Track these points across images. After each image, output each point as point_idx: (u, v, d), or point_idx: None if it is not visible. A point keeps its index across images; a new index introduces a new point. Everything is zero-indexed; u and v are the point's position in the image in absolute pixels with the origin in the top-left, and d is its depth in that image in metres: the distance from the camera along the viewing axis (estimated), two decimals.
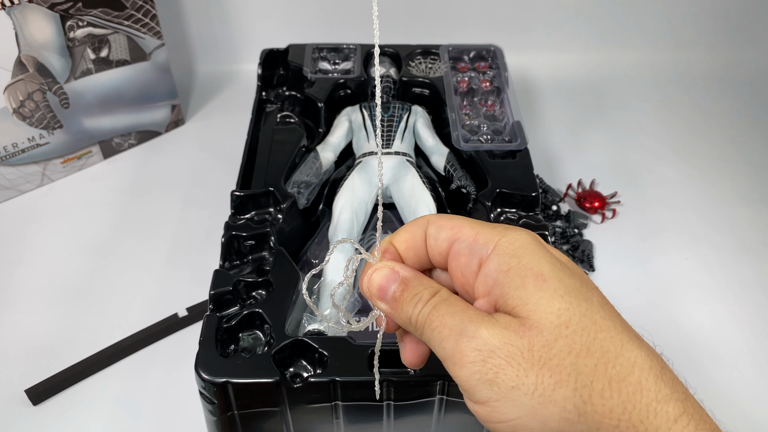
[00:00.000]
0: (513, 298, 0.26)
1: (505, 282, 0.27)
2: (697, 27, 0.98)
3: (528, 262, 0.27)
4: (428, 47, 0.75)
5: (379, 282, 0.30)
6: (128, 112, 0.79)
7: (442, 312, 0.28)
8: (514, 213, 0.58)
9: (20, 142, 0.72)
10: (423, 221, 0.31)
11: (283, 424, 0.48)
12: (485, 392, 0.26)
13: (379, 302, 0.31)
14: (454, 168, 0.63)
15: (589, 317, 0.26)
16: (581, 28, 0.97)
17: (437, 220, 0.31)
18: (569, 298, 0.26)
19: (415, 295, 0.29)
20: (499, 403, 0.26)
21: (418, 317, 0.29)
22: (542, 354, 0.25)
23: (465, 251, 0.29)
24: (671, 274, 0.69)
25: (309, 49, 0.74)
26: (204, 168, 0.80)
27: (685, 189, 0.79)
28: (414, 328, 0.29)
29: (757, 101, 0.93)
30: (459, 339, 0.27)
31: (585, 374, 0.25)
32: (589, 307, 0.26)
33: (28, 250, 0.70)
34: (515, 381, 0.25)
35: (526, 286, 0.26)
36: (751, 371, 0.60)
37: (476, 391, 0.26)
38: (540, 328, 0.26)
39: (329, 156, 0.65)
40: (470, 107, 0.69)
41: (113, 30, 0.73)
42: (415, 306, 0.29)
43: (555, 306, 0.26)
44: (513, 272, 0.27)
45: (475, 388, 0.26)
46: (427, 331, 0.28)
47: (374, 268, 0.31)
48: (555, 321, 0.26)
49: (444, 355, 0.27)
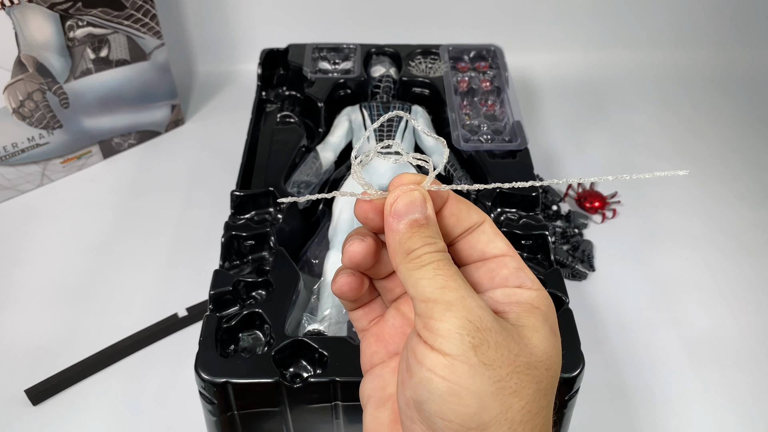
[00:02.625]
0: (528, 321, 0.28)
1: (530, 310, 0.29)
2: (697, 27, 0.98)
3: (551, 317, 0.29)
4: (428, 47, 0.75)
5: (409, 200, 0.29)
6: (128, 112, 0.79)
7: (453, 269, 0.28)
8: (514, 213, 0.58)
9: (20, 142, 0.72)
10: (483, 215, 0.31)
11: (283, 425, 0.48)
12: (458, 348, 0.26)
13: (391, 215, 0.29)
14: (454, 168, 0.63)
15: (552, 383, 0.28)
16: (581, 28, 0.97)
17: (496, 228, 0.31)
18: (558, 360, 0.29)
19: (429, 236, 0.29)
20: (462, 366, 0.26)
21: (426, 255, 0.28)
22: (521, 366, 0.27)
23: (513, 270, 0.30)
24: (671, 274, 0.69)
25: (309, 48, 0.74)
26: (204, 168, 0.80)
27: (685, 189, 0.79)
28: (408, 260, 0.28)
29: (757, 101, 0.93)
30: (467, 297, 0.27)
31: (535, 411, 0.27)
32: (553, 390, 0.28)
33: (28, 250, 0.69)
34: (491, 361, 0.26)
35: (543, 325, 0.28)
36: (751, 371, 0.60)
37: (448, 342, 0.26)
38: (532, 351, 0.27)
39: (329, 156, 0.65)
40: (470, 107, 0.69)
41: (113, 30, 0.73)
42: (427, 245, 0.28)
43: (551, 352, 0.28)
44: (539, 312, 0.29)
45: (452, 339, 0.26)
46: (428, 270, 0.28)
47: (414, 187, 0.30)
48: (544, 359, 0.27)
49: (437, 298, 0.27)
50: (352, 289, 0.32)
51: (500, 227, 0.56)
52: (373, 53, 0.75)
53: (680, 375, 0.60)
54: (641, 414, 0.57)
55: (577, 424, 0.54)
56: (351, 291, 0.32)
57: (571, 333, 0.48)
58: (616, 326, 0.63)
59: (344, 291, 0.32)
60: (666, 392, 0.58)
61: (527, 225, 0.57)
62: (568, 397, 0.47)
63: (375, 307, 0.34)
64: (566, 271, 0.67)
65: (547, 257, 0.56)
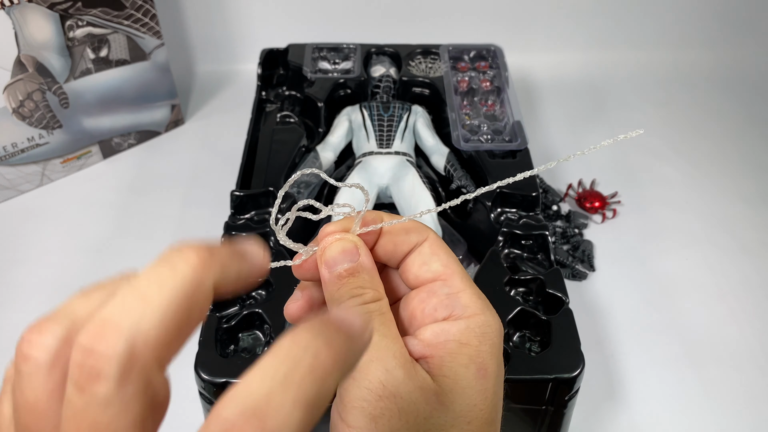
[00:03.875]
0: (450, 369, 0.26)
1: (455, 351, 0.27)
2: (697, 27, 0.98)
3: (484, 350, 0.27)
4: (428, 47, 0.75)
5: (336, 252, 0.28)
6: (128, 111, 0.79)
7: (374, 323, 0.27)
8: (514, 213, 0.58)
9: (20, 142, 0.71)
10: (424, 233, 0.30)
11: None
12: (359, 420, 0.25)
13: (323, 266, 0.29)
14: (454, 168, 0.63)
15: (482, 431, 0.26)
16: (581, 28, 0.97)
17: (436, 246, 0.29)
18: (489, 405, 0.27)
19: (358, 287, 0.28)
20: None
21: (350, 309, 0.27)
22: (433, 428, 0.25)
23: (443, 297, 0.28)
24: (671, 274, 0.69)
25: (309, 48, 0.74)
26: (204, 168, 0.80)
27: (685, 189, 0.79)
28: (335, 310, 0.28)
29: (757, 101, 0.93)
30: (374, 361, 0.26)
31: None
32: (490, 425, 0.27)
33: (28, 250, 0.69)
34: (395, 431, 0.25)
35: (468, 369, 0.26)
36: (751, 371, 0.60)
37: (351, 414, 0.25)
38: (450, 409, 0.26)
39: (329, 156, 0.65)
40: (470, 107, 0.68)
41: (113, 30, 0.73)
42: (353, 299, 0.27)
43: (476, 401, 0.26)
44: (467, 349, 0.27)
45: (354, 411, 0.25)
46: None
47: (341, 236, 0.29)
48: (465, 413, 0.26)
49: None
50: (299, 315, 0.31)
51: (500, 227, 0.56)
52: (373, 53, 0.75)
53: (680, 375, 0.60)
54: (641, 414, 0.57)
55: (577, 424, 0.54)
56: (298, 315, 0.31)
57: (571, 333, 0.48)
58: (616, 326, 0.63)
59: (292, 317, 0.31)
60: (666, 392, 0.58)
61: (527, 225, 0.57)
62: (568, 397, 0.47)
63: None
64: (566, 271, 0.67)
65: (547, 257, 0.56)
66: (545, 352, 0.47)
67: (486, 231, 0.59)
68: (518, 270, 0.55)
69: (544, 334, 0.49)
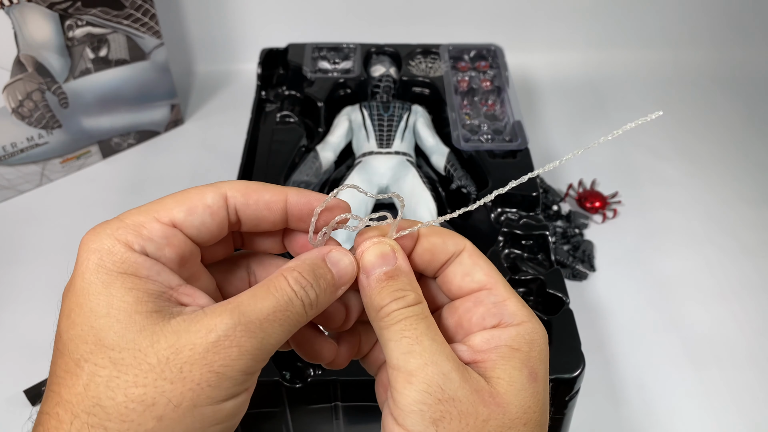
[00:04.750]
0: (504, 371, 0.27)
1: (508, 356, 0.27)
2: (697, 27, 0.98)
3: (534, 356, 0.27)
4: (428, 47, 0.75)
5: (374, 256, 0.28)
6: (127, 111, 0.79)
7: (420, 327, 0.27)
8: (514, 213, 0.58)
9: (19, 142, 0.71)
10: (461, 243, 0.30)
11: (283, 425, 0.48)
12: (418, 424, 0.25)
13: (362, 274, 0.28)
14: (454, 168, 0.63)
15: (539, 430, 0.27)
16: (581, 27, 0.97)
17: (476, 256, 0.29)
18: (541, 408, 0.27)
19: (399, 289, 0.28)
20: None
21: (394, 313, 0.27)
22: (493, 430, 0.25)
23: (490, 306, 0.28)
24: (671, 274, 0.69)
25: (309, 48, 0.74)
26: (203, 168, 0.80)
27: (685, 189, 0.79)
28: (378, 319, 0.27)
29: (757, 101, 0.93)
30: (429, 364, 0.25)
31: None
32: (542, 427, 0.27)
33: (27, 250, 0.69)
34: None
35: (521, 372, 0.27)
36: (751, 371, 0.60)
37: (410, 418, 0.25)
38: (506, 410, 0.26)
39: (329, 156, 0.65)
40: (470, 107, 0.68)
41: (112, 29, 0.72)
42: (396, 301, 0.27)
43: (529, 403, 0.26)
44: (519, 354, 0.27)
45: (413, 415, 0.25)
46: (395, 332, 0.26)
47: (378, 240, 0.28)
48: (520, 415, 0.26)
49: (400, 365, 0.26)
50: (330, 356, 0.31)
51: (500, 227, 0.56)
52: (373, 53, 0.75)
53: (680, 375, 0.60)
54: (641, 414, 0.57)
55: (577, 424, 0.54)
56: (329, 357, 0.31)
57: (572, 333, 0.48)
58: (617, 326, 0.63)
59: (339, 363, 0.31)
60: (666, 392, 0.58)
61: (528, 225, 0.57)
62: (569, 397, 0.47)
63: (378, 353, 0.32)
64: (567, 271, 0.67)
65: (547, 257, 0.56)
66: None
67: (486, 231, 0.59)
68: (518, 270, 0.55)
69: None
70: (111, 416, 0.22)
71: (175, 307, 0.24)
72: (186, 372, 0.23)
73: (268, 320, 0.24)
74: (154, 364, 0.23)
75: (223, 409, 0.24)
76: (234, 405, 0.24)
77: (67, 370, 0.24)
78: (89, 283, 0.24)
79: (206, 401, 0.23)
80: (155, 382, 0.23)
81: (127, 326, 0.23)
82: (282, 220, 0.28)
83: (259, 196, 0.27)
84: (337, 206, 0.29)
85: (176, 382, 0.23)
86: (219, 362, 0.23)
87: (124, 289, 0.24)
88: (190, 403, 0.23)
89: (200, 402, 0.23)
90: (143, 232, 0.25)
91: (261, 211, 0.28)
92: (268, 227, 0.29)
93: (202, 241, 0.27)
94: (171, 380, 0.23)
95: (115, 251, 0.24)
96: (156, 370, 0.23)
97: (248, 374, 0.24)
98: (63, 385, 0.23)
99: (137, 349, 0.23)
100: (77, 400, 0.23)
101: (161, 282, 0.25)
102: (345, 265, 0.28)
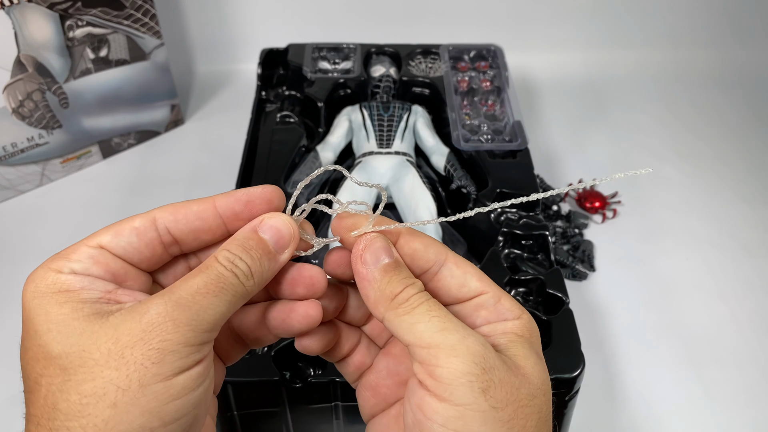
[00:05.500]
0: (518, 349, 0.28)
1: (515, 340, 0.28)
2: (697, 27, 0.98)
3: (535, 342, 0.29)
4: (428, 47, 0.75)
5: (376, 248, 0.28)
6: (127, 111, 0.79)
7: (442, 308, 0.27)
8: (514, 213, 0.58)
9: (19, 142, 0.71)
10: (442, 252, 0.30)
11: (283, 425, 0.48)
12: (468, 397, 0.25)
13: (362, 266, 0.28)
14: (454, 168, 0.63)
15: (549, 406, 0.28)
16: (582, 27, 0.97)
17: (462, 264, 0.30)
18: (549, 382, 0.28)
19: (407, 277, 0.28)
20: (473, 415, 0.25)
21: (414, 297, 0.27)
22: (524, 399, 0.26)
23: (491, 308, 0.29)
24: (671, 274, 0.69)
25: (309, 48, 0.74)
26: (203, 168, 0.80)
27: (685, 189, 0.79)
28: (394, 307, 0.27)
29: (757, 101, 0.93)
30: (468, 337, 0.26)
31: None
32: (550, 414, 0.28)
33: (28, 250, 0.69)
34: (499, 403, 0.25)
35: (531, 352, 0.28)
36: (751, 371, 0.60)
37: (458, 390, 0.25)
38: (530, 380, 0.27)
39: (329, 156, 0.65)
40: (470, 107, 0.68)
41: (112, 30, 0.73)
42: (410, 287, 0.28)
43: (543, 377, 0.28)
44: (524, 341, 0.29)
45: (462, 387, 0.25)
46: (421, 314, 0.27)
47: (375, 236, 0.29)
48: (540, 385, 0.27)
49: (439, 342, 0.26)
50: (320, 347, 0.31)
51: (500, 227, 0.56)
52: (373, 53, 0.75)
53: (680, 375, 0.60)
54: (641, 414, 0.57)
55: (577, 424, 0.54)
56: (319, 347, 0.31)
57: (571, 333, 0.48)
58: (616, 326, 0.63)
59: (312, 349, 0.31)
60: (666, 392, 0.58)
61: (527, 225, 0.57)
62: (568, 397, 0.47)
63: (359, 357, 0.32)
64: (566, 271, 0.67)
65: (547, 257, 0.56)
66: (545, 353, 0.47)
67: (486, 231, 0.59)
68: (518, 270, 0.55)
69: (545, 335, 0.49)
70: (69, 416, 0.23)
71: (114, 306, 0.26)
72: (128, 356, 0.24)
73: (199, 293, 0.25)
74: (98, 357, 0.24)
75: (175, 384, 0.24)
76: (187, 379, 0.24)
77: (30, 390, 0.26)
78: (29, 309, 0.26)
79: (154, 379, 0.24)
80: (102, 373, 0.23)
81: (68, 334, 0.25)
82: (219, 226, 0.29)
83: (187, 210, 0.28)
84: (259, 196, 0.29)
85: (120, 368, 0.23)
86: (156, 339, 0.24)
87: (58, 304, 0.25)
88: (138, 384, 0.23)
89: (147, 381, 0.23)
90: (71, 257, 0.27)
91: (192, 223, 0.28)
92: (209, 237, 0.29)
93: (133, 258, 0.28)
94: (115, 367, 0.23)
95: (46, 277, 0.26)
96: (100, 363, 0.24)
97: (190, 346, 0.25)
98: (30, 405, 0.25)
99: (81, 350, 0.24)
100: (40, 412, 0.24)
101: (96, 289, 0.26)
102: (279, 228, 0.28)
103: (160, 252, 0.28)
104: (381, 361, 0.32)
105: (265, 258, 0.28)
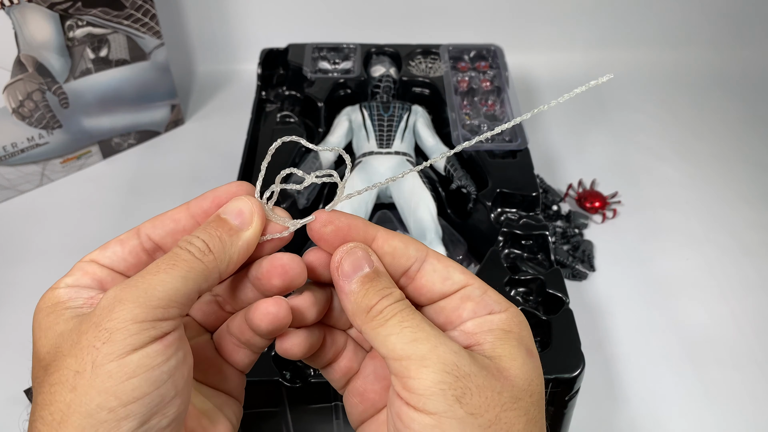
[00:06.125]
0: (504, 349, 0.28)
1: (503, 337, 0.28)
2: (697, 27, 0.98)
3: (525, 335, 0.29)
4: (428, 47, 0.75)
5: (354, 259, 0.29)
6: (128, 111, 0.79)
7: (416, 317, 0.27)
8: (514, 213, 0.58)
9: (19, 142, 0.71)
10: (422, 250, 0.30)
11: (283, 425, 0.48)
12: (441, 405, 0.25)
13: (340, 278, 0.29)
14: (454, 168, 0.63)
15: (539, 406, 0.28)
16: (582, 27, 0.97)
17: (443, 259, 0.30)
18: (541, 381, 0.28)
19: (384, 288, 0.28)
20: (450, 422, 0.25)
21: (387, 308, 0.27)
22: (507, 402, 0.26)
23: (477, 299, 0.29)
24: (671, 274, 0.69)
25: (309, 48, 0.74)
26: (204, 168, 0.80)
27: (685, 189, 0.79)
28: (369, 319, 0.27)
29: (757, 101, 0.93)
30: (439, 346, 0.26)
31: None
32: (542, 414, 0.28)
33: (28, 250, 0.69)
34: (477, 409, 0.25)
35: (519, 350, 0.28)
36: (751, 371, 0.60)
37: (431, 400, 0.25)
38: (514, 383, 0.27)
39: (329, 156, 0.65)
40: (470, 107, 0.68)
41: (113, 30, 0.73)
42: (385, 298, 0.28)
43: (532, 376, 0.28)
44: (512, 335, 0.28)
45: (434, 397, 0.25)
46: (394, 325, 0.27)
47: (354, 245, 0.29)
48: (526, 387, 0.27)
49: (410, 353, 0.26)
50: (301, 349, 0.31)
51: (500, 227, 0.56)
52: (373, 53, 0.75)
53: (680, 375, 0.60)
54: (641, 414, 0.57)
55: (577, 424, 0.54)
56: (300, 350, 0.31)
57: (571, 333, 0.48)
58: (616, 326, 0.63)
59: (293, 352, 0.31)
60: (666, 392, 0.58)
61: (527, 225, 0.57)
62: (568, 397, 0.47)
63: (346, 362, 0.32)
64: (566, 271, 0.67)
65: (547, 257, 0.56)
66: (545, 353, 0.47)
67: (486, 231, 0.59)
68: (518, 270, 0.55)
69: (545, 335, 0.49)
70: (42, 406, 0.25)
71: (92, 308, 0.27)
72: (83, 341, 0.25)
73: (149, 272, 0.26)
74: (64, 350, 0.25)
75: (128, 362, 0.24)
76: (142, 356, 0.25)
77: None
78: (32, 326, 0.28)
79: (106, 359, 0.24)
80: (64, 363, 0.25)
81: (51, 338, 0.26)
82: (194, 226, 0.30)
83: (164, 216, 0.30)
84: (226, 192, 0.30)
85: (76, 354, 0.25)
86: (106, 320, 0.25)
87: (48, 315, 0.27)
88: (91, 366, 0.24)
89: (100, 361, 0.24)
90: (69, 274, 0.29)
91: (168, 225, 0.30)
92: None
93: (119, 266, 0.30)
94: (73, 354, 0.25)
95: (46, 296, 0.28)
96: (65, 353, 0.25)
97: (139, 323, 0.25)
98: None
99: (56, 348, 0.26)
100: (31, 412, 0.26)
101: (80, 297, 0.28)
102: (239, 206, 0.29)
103: (145, 258, 0.30)
104: (368, 365, 0.32)
105: (225, 234, 0.28)
